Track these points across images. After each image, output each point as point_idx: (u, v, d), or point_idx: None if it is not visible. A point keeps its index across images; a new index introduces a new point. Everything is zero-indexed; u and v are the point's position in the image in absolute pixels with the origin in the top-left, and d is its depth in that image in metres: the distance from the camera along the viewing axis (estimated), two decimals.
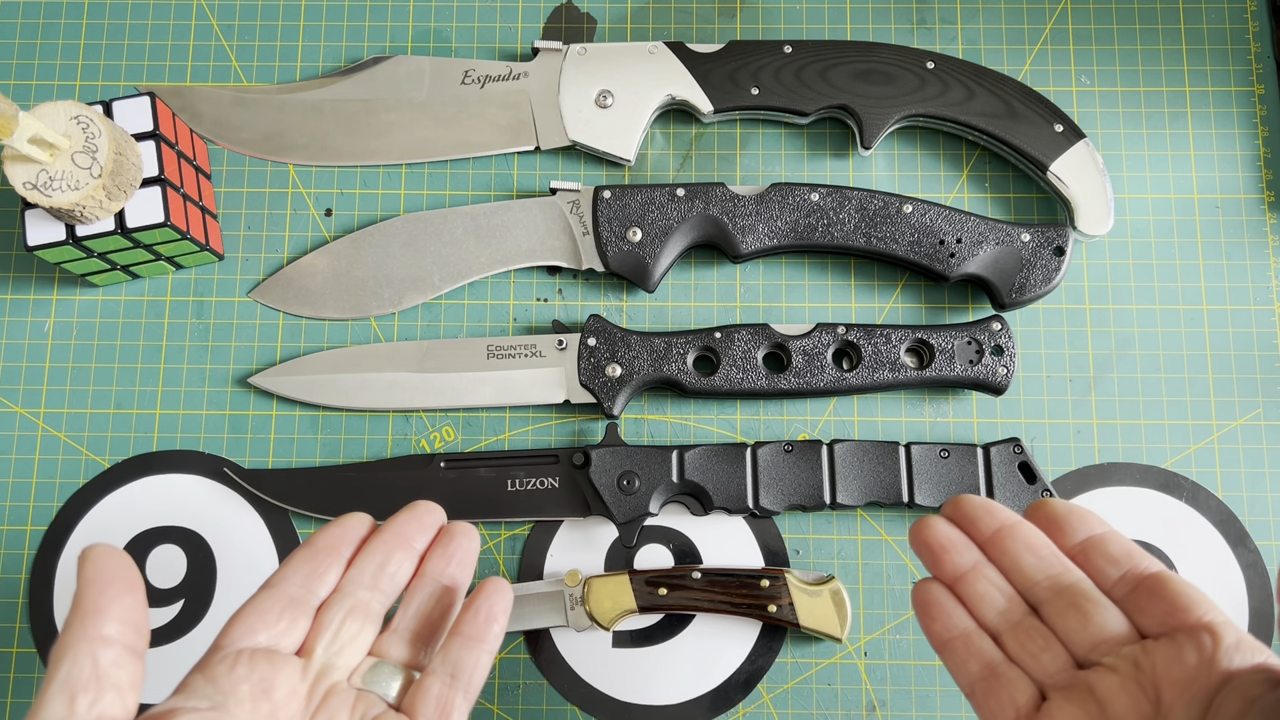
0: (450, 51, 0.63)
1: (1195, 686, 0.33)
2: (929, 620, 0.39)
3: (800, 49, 0.59)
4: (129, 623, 0.32)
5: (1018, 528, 0.39)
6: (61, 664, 0.30)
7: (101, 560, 0.32)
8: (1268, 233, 0.60)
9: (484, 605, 0.39)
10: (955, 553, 0.39)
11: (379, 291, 0.59)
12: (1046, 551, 0.38)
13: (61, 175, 0.50)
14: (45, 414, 0.58)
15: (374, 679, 0.37)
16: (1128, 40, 0.62)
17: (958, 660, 0.38)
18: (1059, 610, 0.37)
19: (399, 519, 0.40)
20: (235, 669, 0.34)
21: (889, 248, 0.57)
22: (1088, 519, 0.39)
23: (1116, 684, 0.34)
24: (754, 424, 0.58)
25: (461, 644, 0.38)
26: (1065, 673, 0.36)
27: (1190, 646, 0.34)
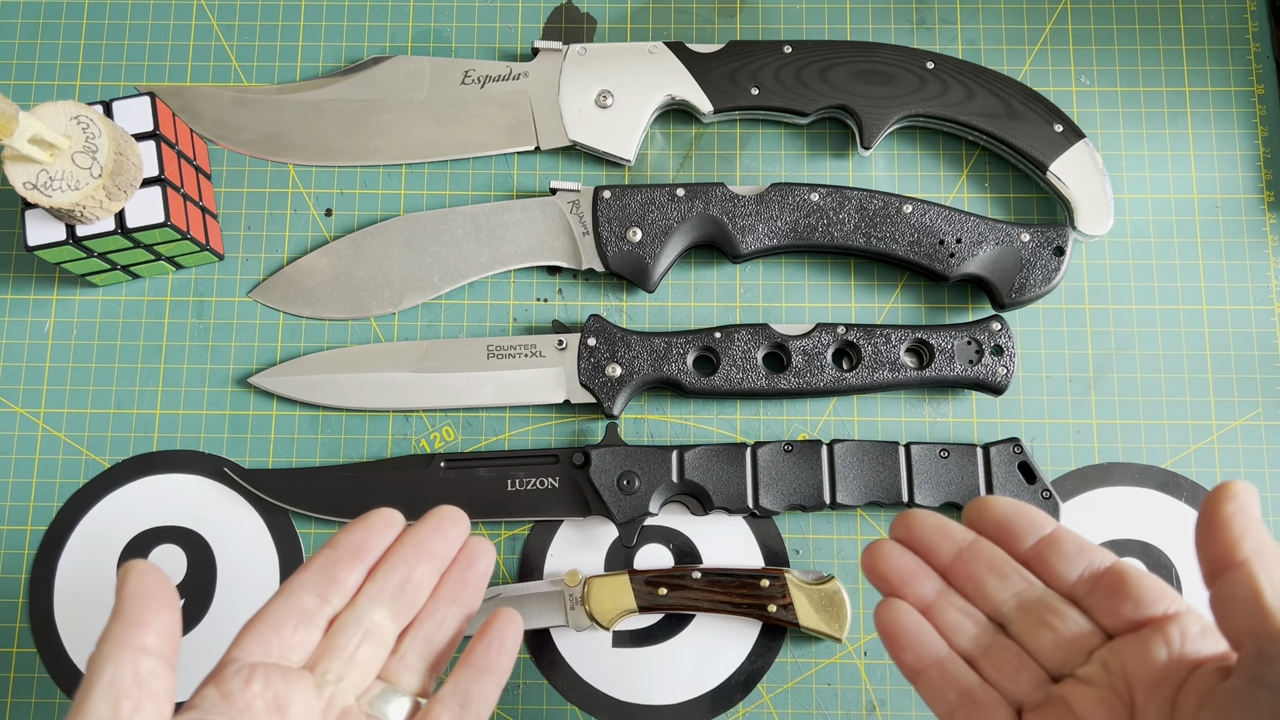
0: (450, 51, 0.63)
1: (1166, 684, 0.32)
2: (899, 650, 0.38)
3: (800, 49, 0.59)
4: (166, 637, 0.33)
5: (975, 548, 0.38)
6: (105, 669, 0.31)
7: (145, 575, 0.33)
8: (1268, 233, 0.60)
9: (496, 637, 0.39)
10: (915, 584, 0.38)
11: (379, 291, 0.59)
12: (1008, 569, 0.37)
13: (61, 175, 0.50)
14: (45, 414, 0.58)
15: (381, 704, 0.37)
16: (1128, 40, 0.62)
17: (933, 690, 0.37)
18: (1028, 628, 0.36)
19: (423, 530, 0.40)
20: (250, 684, 0.34)
21: (889, 248, 0.57)
22: (1035, 518, 0.38)
23: (1091, 695, 0.34)
24: (754, 424, 0.58)
25: (473, 675, 0.38)
26: (1040, 690, 0.36)
27: (1158, 641, 0.33)
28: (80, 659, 0.55)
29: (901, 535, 0.40)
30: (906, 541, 0.39)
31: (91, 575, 0.56)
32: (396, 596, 0.38)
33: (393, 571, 0.38)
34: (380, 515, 0.40)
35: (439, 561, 0.40)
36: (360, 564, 0.38)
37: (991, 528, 0.38)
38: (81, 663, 0.55)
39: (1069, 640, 0.36)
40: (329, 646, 0.37)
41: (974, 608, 0.38)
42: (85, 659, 0.55)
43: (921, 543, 0.39)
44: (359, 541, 0.39)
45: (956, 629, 0.38)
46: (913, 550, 0.39)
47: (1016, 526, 0.38)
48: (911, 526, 0.39)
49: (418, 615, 0.39)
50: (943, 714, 0.37)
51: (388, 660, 0.38)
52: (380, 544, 0.39)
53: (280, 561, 0.56)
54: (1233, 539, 0.31)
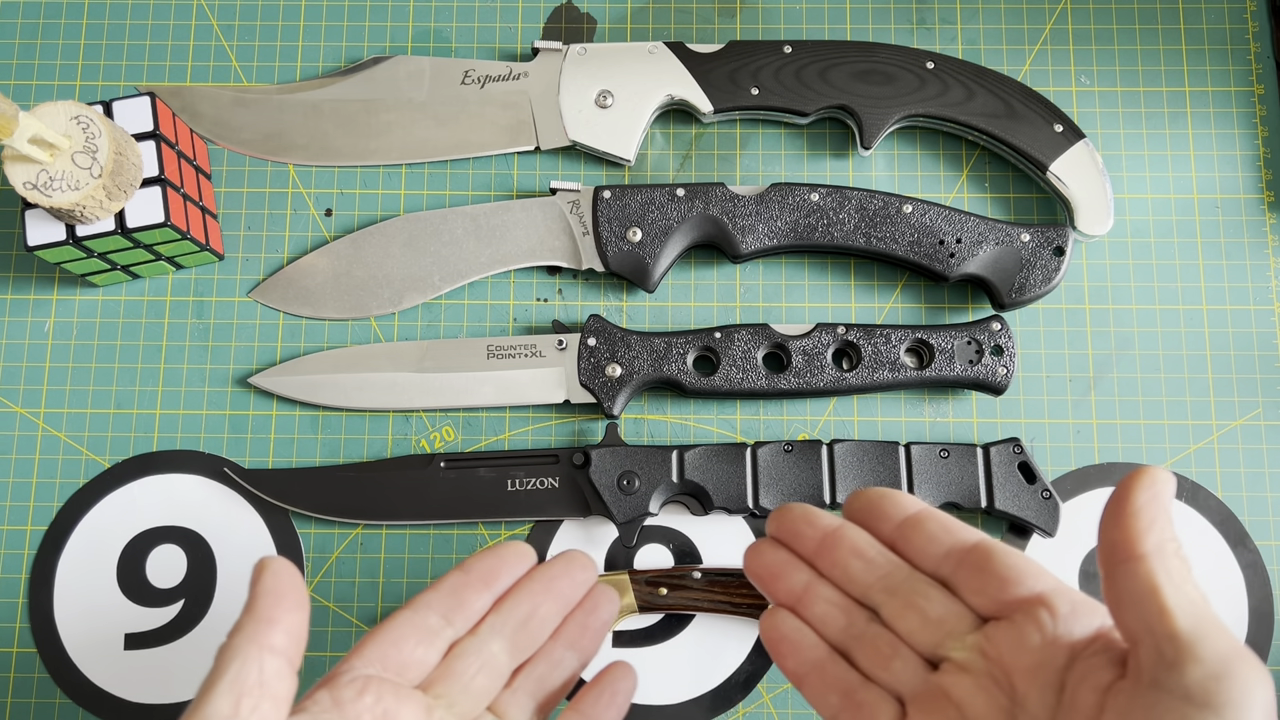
0: (450, 51, 0.63)
1: (1045, 670, 0.32)
2: (782, 659, 0.38)
3: (800, 49, 0.59)
4: (294, 638, 0.33)
5: (840, 533, 0.38)
6: (231, 665, 0.31)
7: (280, 572, 0.33)
8: (1268, 233, 0.60)
9: (609, 689, 0.39)
10: (785, 577, 0.38)
11: (379, 291, 0.59)
12: (873, 553, 0.37)
13: (61, 175, 0.50)
14: (45, 414, 0.58)
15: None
16: (1128, 40, 0.62)
17: (816, 694, 0.37)
18: (897, 611, 0.36)
19: (555, 568, 0.40)
20: (362, 696, 0.34)
21: (889, 248, 0.57)
22: (901, 501, 0.37)
23: (970, 684, 0.33)
24: (754, 424, 0.58)
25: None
26: (918, 677, 0.35)
27: (1030, 626, 0.33)
28: (80, 659, 0.55)
29: (773, 529, 0.40)
30: (777, 535, 0.39)
31: (91, 575, 0.56)
32: (519, 631, 0.38)
33: (519, 605, 0.38)
34: (514, 547, 0.40)
35: (564, 603, 0.40)
36: (489, 591, 0.38)
37: (860, 514, 0.38)
38: (81, 663, 0.55)
39: (936, 620, 0.35)
40: (446, 671, 0.37)
41: (843, 596, 0.37)
42: (85, 659, 0.55)
43: (789, 533, 0.39)
44: (491, 569, 0.39)
45: (827, 620, 0.37)
46: (784, 542, 0.39)
47: (881, 509, 0.38)
48: (781, 519, 0.39)
49: (536, 655, 0.39)
50: (828, 716, 0.37)
51: (500, 693, 0.38)
52: (510, 575, 0.39)
53: None
54: (1139, 530, 0.30)
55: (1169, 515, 0.31)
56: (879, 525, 0.38)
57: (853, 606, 0.37)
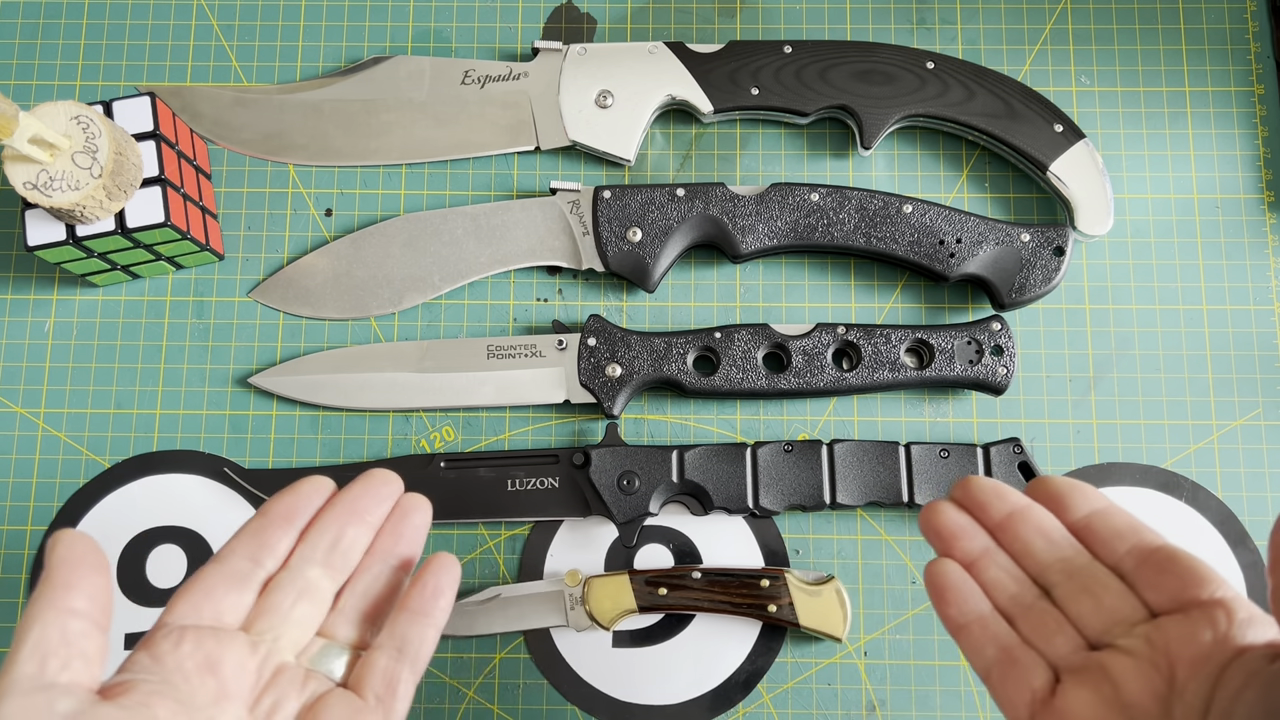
0: (450, 51, 0.63)
1: (1209, 664, 0.33)
2: (944, 604, 0.38)
3: (800, 49, 0.59)
4: (97, 600, 0.33)
5: (1028, 511, 0.39)
6: (31, 630, 0.31)
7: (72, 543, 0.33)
8: (1268, 233, 0.60)
9: (431, 580, 0.39)
10: (965, 539, 0.39)
11: (379, 291, 0.59)
12: (1057, 535, 0.38)
13: (61, 175, 0.50)
14: (45, 414, 0.58)
15: (322, 660, 0.37)
16: (1128, 40, 0.62)
17: (973, 644, 0.38)
18: (1071, 594, 0.37)
19: (353, 490, 0.40)
20: (180, 646, 0.34)
21: (889, 248, 0.57)
22: (1090, 494, 0.38)
23: (1130, 665, 0.34)
24: (754, 424, 0.58)
25: (409, 619, 0.38)
26: (1079, 654, 0.36)
27: (1205, 623, 0.33)
28: None
29: (959, 495, 0.40)
30: (963, 501, 0.40)
31: None
32: (329, 554, 0.38)
33: (324, 532, 0.38)
34: (310, 481, 0.40)
35: (371, 519, 0.40)
36: (291, 527, 0.38)
37: (1047, 500, 0.39)
38: None
39: (1109, 610, 0.36)
40: (264, 607, 0.37)
41: (1018, 568, 0.38)
42: None
43: (976, 501, 0.40)
44: (289, 506, 0.39)
45: (998, 585, 0.38)
46: (967, 510, 0.40)
47: (1071, 499, 0.38)
48: (969, 487, 0.40)
49: (355, 573, 0.39)
50: (980, 669, 0.37)
51: (327, 617, 0.38)
52: (310, 507, 0.39)
53: None
54: None
55: None
56: (1066, 514, 0.38)
57: (1025, 580, 0.38)
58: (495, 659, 0.56)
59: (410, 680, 0.37)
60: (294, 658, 0.37)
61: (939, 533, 0.40)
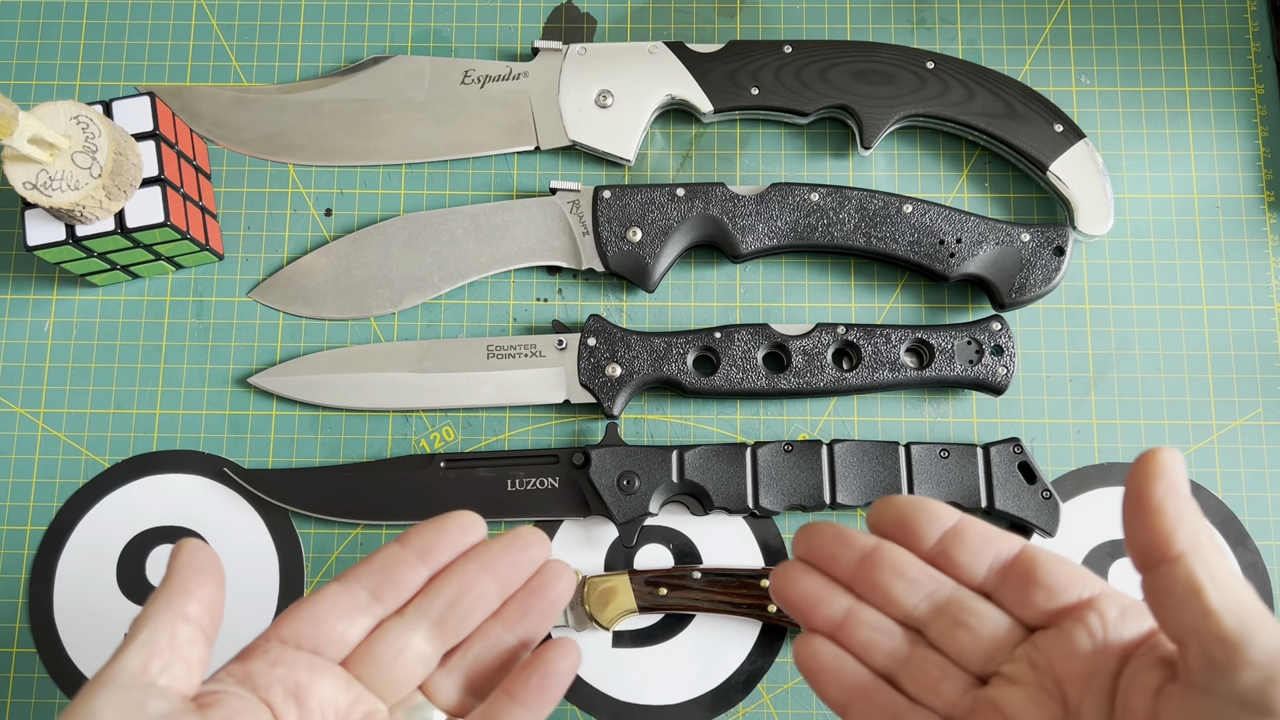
0: (450, 51, 0.63)
1: (1097, 677, 0.31)
2: (823, 688, 0.36)
3: (800, 49, 0.59)
4: (209, 608, 0.33)
5: (879, 553, 0.36)
6: (144, 629, 0.32)
7: (196, 551, 0.34)
8: (1268, 233, 0.60)
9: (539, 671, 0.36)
10: (823, 604, 0.37)
11: (379, 291, 0.59)
12: (914, 572, 0.35)
13: (61, 175, 0.50)
14: (45, 414, 0.58)
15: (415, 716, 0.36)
16: (1128, 40, 0.62)
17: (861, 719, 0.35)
18: (944, 631, 0.35)
19: (497, 546, 0.37)
20: (274, 668, 0.34)
21: (889, 248, 0.57)
22: (937, 512, 0.36)
23: (1020, 696, 0.33)
24: (754, 424, 0.58)
25: (508, 705, 0.36)
26: (968, 696, 0.34)
27: (1080, 632, 0.32)
28: (80, 659, 0.55)
29: (802, 552, 0.37)
30: (807, 557, 0.37)
31: (91, 575, 0.56)
32: (447, 612, 0.36)
33: (450, 585, 0.36)
34: (459, 517, 0.38)
35: (504, 582, 0.37)
36: (424, 567, 0.37)
37: (892, 528, 0.36)
38: (81, 663, 0.55)
39: (987, 638, 0.34)
40: (366, 652, 0.36)
41: (886, 620, 0.36)
42: (85, 659, 0.55)
43: (822, 555, 0.37)
44: (430, 543, 0.37)
45: (871, 647, 0.36)
46: (816, 565, 0.37)
47: (917, 523, 0.36)
48: (810, 539, 0.37)
49: (473, 634, 0.37)
50: None
51: (434, 672, 0.37)
52: (450, 550, 0.37)
53: (280, 562, 0.56)
54: (1166, 529, 0.29)
55: (1191, 502, 0.30)
56: (916, 541, 0.36)
57: (895, 630, 0.36)
58: None
59: None
60: (388, 708, 0.36)
61: (793, 604, 0.37)
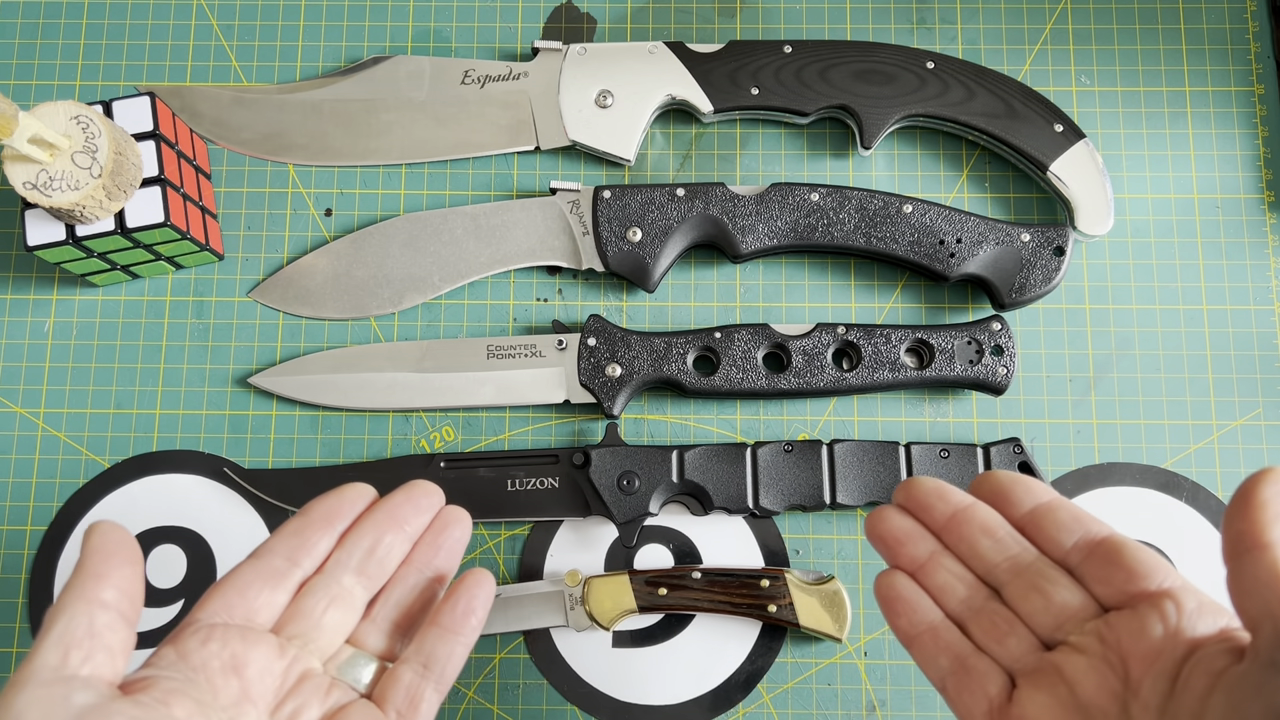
0: (450, 51, 0.63)
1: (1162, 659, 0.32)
2: (894, 616, 0.38)
3: (800, 49, 0.59)
4: (126, 592, 0.33)
5: (971, 510, 0.38)
6: (59, 620, 0.31)
7: (107, 533, 0.34)
8: (1268, 233, 0.60)
9: (463, 597, 0.38)
10: (911, 544, 0.39)
11: (379, 291, 0.59)
12: (1002, 533, 0.38)
13: (61, 175, 0.50)
14: (45, 414, 0.58)
15: (349, 669, 0.37)
16: (1128, 40, 0.62)
17: (926, 655, 0.38)
18: (1020, 592, 0.36)
19: (395, 499, 0.40)
20: (207, 644, 0.34)
21: (889, 248, 0.57)
22: (1034, 488, 0.38)
23: (1084, 664, 0.34)
24: (754, 424, 0.58)
25: (437, 635, 0.38)
26: (1032, 655, 0.36)
27: (1154, 617, 0.33)
28: None
29: (902, 499, 0.40)
30: (906, 504, 0.40)
31: None
32: (365, 561, 0.38)
33: (362, 537, 0.38)
34: (353, 487, 0.40)
35: (410, 529, 0.40)
36: (331, 530, 0.38)
37: (990, 496, 0.39)
38: None
39: (1059, 606, 0.35)
40: (296, 610, 0.37)
41: (966, 570, 0.38)
42: None
43: (919, 504, 0.39)
44: (330, 509, 0.39)
45: (947, 590, 0.38)
46: (912, 513, 0.40)
47: (1014, 494, 0.38)
48: (911, 490, 0.40)
49: (390, 582, 0.39)
50: (935, 679, 0.37)
51: (358, 625, 0.38)
52: (351, 512, 0.39)
53: None
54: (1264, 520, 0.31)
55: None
56: (1010, 509, 0.38)
57: (974, 582, 0.38)
58: (495, 659, 0.56)
59: (434, 698, 0.37)
60: (321, 665, 0.37)
61: (884, 539, 0.39)
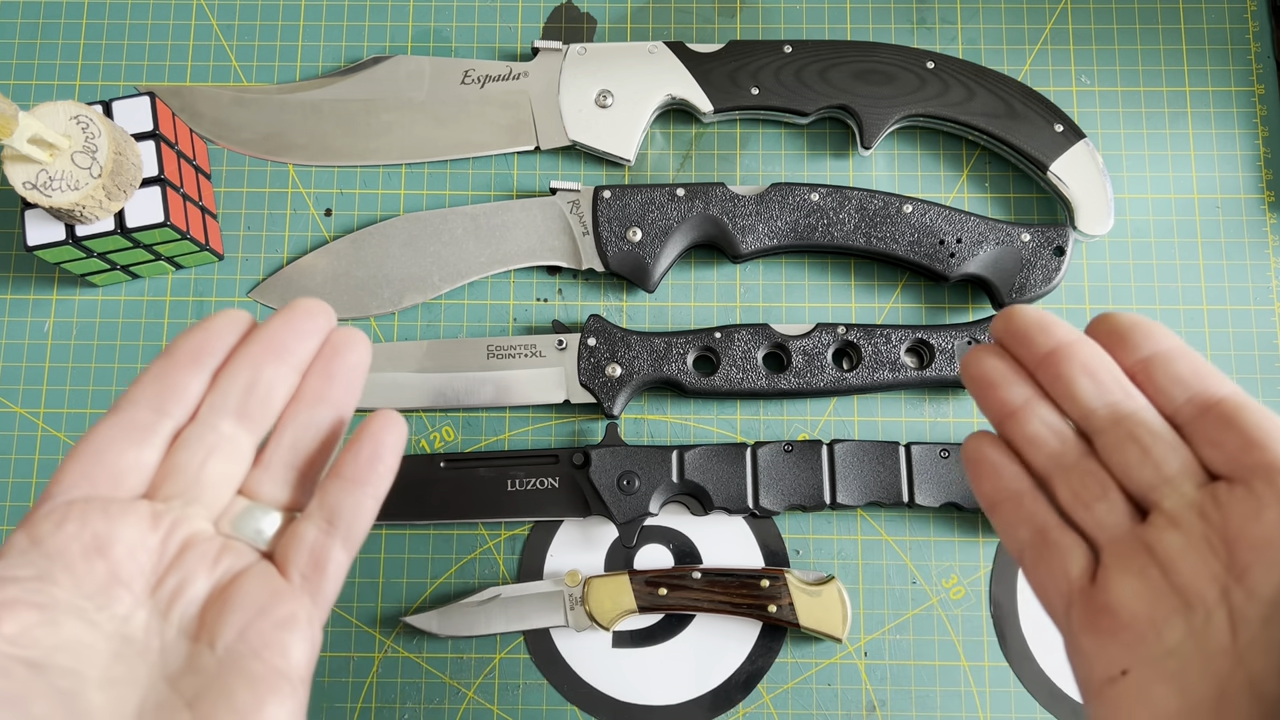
0: (450, 51, 0.63)
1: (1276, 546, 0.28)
2: (978, 479, 0.35)
3: (800, 49, 0.59)
4: None
5: (1075, 347, 0.34)
6: None
7: None
8: (1268, 233, 0.60)
9: (369, 443, 0.33)
10: (1005, 387, 0.35)
11: (379, 291, 0.59)
12: (1105, 375, 0.33)
13: (61, 175, 0.50)
14: (45, 414, 0.58)
15: (245, 522, 0.32)
16: (1128, 40, 0.62)
17: (1007, 523, 0.34)
18: (1116, 441, 0.32)
19: (272, 324, 0.33)
20: (64, 526, 0.29)
21: (889, 248, 0.57)
22: (1155, 332, 0.34)
23: (1180, 542, 0.30)
24: (754, 424, 0.58)
25: (340, 486, 0.32)
26: (1123, 526, 0.32)
27: (1270, 497, 0.29)
28: None
29: (999, 330, 0.36)
30: (1003, 338, 0.36)
31: None
32: (245, 400, 0.32)
33: (238, 374, 0.32)
34: (224, 314, 0.34)
35: (295, 360, 0.33)
36: (201, 369, 0.32)
37: (1105, 336, 0.34)
38: None
39: (1158, 461, 0.32)
40: (170, 467, 0.31)
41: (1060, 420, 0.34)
42: None
43: (1018, 336, 0.35)
44: (198, 344, 0.33)
45: (1037, 441, 0.34)
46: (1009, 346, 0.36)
47: (1131, 337, 0.34)
48: (1010, 320, 0.35)
49: (280, 421, 0.33)
50: (1014, 550, 0.34)
51: (250, 474, 0.33)
52: (223, 346, 0.33)
53: None
54: None
55: None
56: (1122, 353, 0.34)
57: (1068, 434, 0.34)
58: (495, 659, 0.56)
59: (342, 558, 0.32)
60: (211, 525, 0.32)
61: (976, 380, 0.36)
